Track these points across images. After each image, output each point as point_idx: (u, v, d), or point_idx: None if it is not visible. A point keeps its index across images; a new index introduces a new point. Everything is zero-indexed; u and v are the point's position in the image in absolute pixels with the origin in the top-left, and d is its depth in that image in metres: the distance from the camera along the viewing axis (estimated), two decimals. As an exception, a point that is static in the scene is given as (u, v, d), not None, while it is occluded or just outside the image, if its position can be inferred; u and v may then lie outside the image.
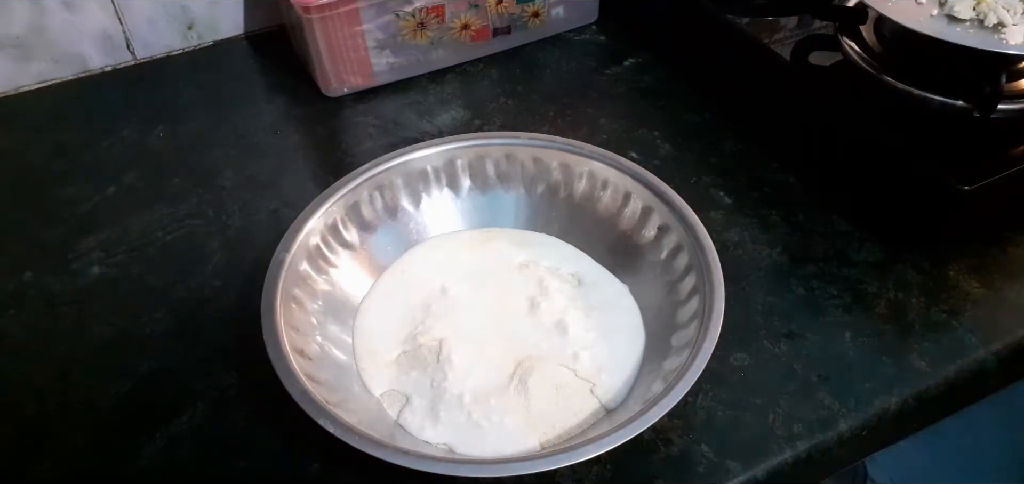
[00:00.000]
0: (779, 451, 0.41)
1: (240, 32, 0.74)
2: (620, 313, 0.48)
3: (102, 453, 0.43)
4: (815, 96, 0.58)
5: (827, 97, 0.57)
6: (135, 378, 0.46)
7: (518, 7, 0.69)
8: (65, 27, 0.67)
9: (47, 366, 0.47)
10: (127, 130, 0.64)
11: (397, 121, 0.64)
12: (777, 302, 0.49)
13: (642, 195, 0.50)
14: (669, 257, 0.48)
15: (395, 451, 0.37)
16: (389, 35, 0.64)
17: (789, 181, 0.58)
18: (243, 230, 0.55)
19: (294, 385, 0.39)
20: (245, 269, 0.51)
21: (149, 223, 0.56)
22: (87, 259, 0.53)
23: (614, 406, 0.43)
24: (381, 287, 0.50)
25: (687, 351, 0.41)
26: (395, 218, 0.52)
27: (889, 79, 0.53)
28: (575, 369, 0.45)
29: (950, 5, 0.52)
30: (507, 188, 0.54)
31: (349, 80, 0.66)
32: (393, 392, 0.45)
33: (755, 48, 0.67)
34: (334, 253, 0.49)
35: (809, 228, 0.54)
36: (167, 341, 0.48)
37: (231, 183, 0.59)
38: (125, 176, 0.60)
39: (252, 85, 0.70)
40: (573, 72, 0.70)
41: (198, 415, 0.44)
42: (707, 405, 0.43)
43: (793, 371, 0.45)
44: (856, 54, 0.56)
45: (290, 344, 0.42)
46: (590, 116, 0.64)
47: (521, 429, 0.42)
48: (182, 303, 0.50)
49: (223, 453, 0.42)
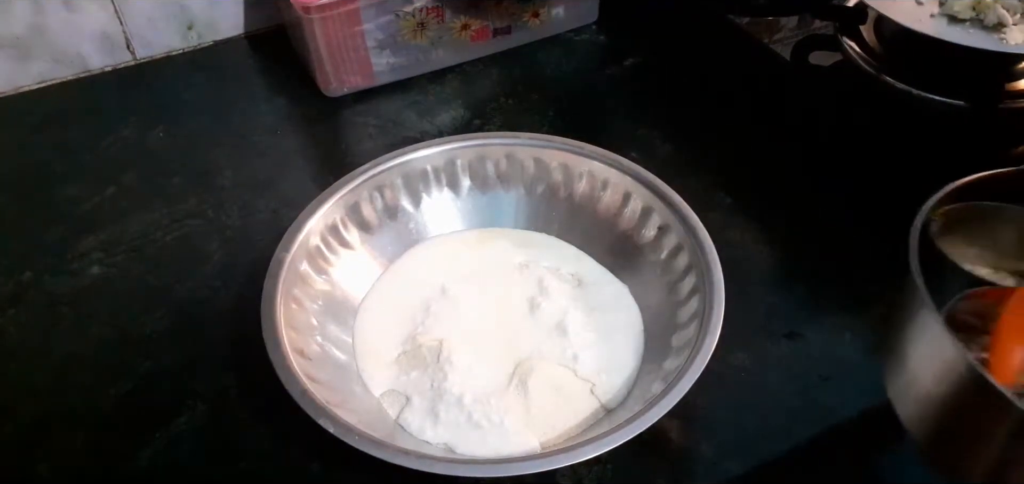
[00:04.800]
0: (779, 451, 0.41)
1: (240, 32, 0.74)
2: (620, 313, 0.48)
3: (102, 453, 0.43)
4: (815, 96, 0.58)
5: (827, 97, 0.57)
6: (135, 378, 0.46)
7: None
8: (65, 27, 0.67)
9: (47, 366, 0.47)
10: (127, 130, 0.64)
11: (397, 121, 0.64)
12: (777, 302, 0.49)
13: (642, 195, 0.50)
14: (669, 257, 0.48)
15: (395, 451, 0.37)
16: (389, 35, 0.64)
17: (789, 181, 0.58)
18: (243, 230, 0.55)
19: (294, 385, 0.39)
20: (245, 269, 0.51)
21: (149, 223, 0.56)
22: (87, 259, 0.53)
23: (614, 406, 0.43)
24: (381, 287, 0.50)
25: (687, 351, 0.41)
26: (395, 218, 0.52)
27: (889, 79, 0.53)
28: (575, 369, 0.45)
29: (950, 5, 0.52)
30: (507, 188, 0.54)
31: (349, 80, 0.66)
32: (393, 392, 0.45)
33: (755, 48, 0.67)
34: (334, 253, 0.49)
35: (809, 228, 0.54)
36: (167, 341, 0.48)
37: (231, 183, 0.59)
38: (125, 176, 0.60)
39: (252, 85, 0.70)
40: (573, 72, 0.70)
41: (198, 415, 0.44)
42: (707, 405, 0.43)
43: (793, 371, 0.45)
44: (856, 54, 0.56)
45: (290, 344, 0.42)
46: (590, 116, 0.64)
47: (521, 429, 0.42)
48: (182, 303, 0.50)
49: (223, 453, 0.42)
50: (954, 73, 0.51)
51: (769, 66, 0.64)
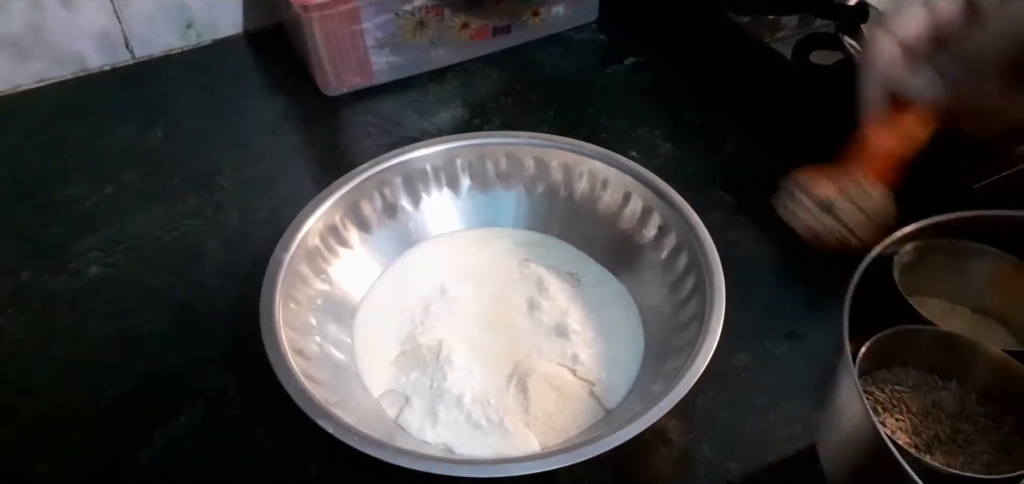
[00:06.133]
0: (780, 452, 0.41)
1: (239, 31, 0.74)
2: (620, 313, 0.48)
3: (101, 453, 0.43)
4: (816, 95, 0.58)
5: (828, 96, 0.57)
6: (134, 378, 0.46)
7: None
8: (63, 26, 0.66)
9: (46, 366, 0.47)
10: (125, 129, 0.64)
11: (397, 120, 0.64)
12: (778, 302, 0.49)
13: (642, 195, 0.50)
14: (669, 257, 0.48)
15: (394, 451, 0.37)
16: (389, 34, 0.64)
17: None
18: (242, 230, 0.55)
19: (293, 385, 0.39)
20: (244, 269, 0.51)
21: (148, 223, 0.55)
22: (85, 259, 0.53)
23: (614, 406, 0.43)
24: (381, 287, 0.50)
25: (687, 351, 0.41)
26: (395, 218, 0.52)
27: (890, 78, 0.53)
28: (575, 369, 0.45)
29: (951, 4, 0.52)
30: (507, 188, 0.54)
31: (348, 79, 0.65)
32: (392, 392, 0.44)
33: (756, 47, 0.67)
34: (333, 253, 0.49)
35: (810, 228, 0.54)
36: (166, 341, 0.48)
37: (230, 183, 0.59)
38: (123, 176, 0.59)
39: (251, 84, 0.70)
40: (573, 71, 0.70)
41: (197, 415, 0.44)
42: (707, 405, 0.43)
43: (794, 371, 0.45)
44: (857, 53, 0.56)
45: (289, 344, 0.42)
46: (590, 116, 0.64)
47: (520, 429, 0.42)
48: (181, 303, 0.50)
49: (222, 453, 0.42)
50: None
51: (770, 65, 0.64)
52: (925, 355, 0.36)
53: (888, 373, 0.36)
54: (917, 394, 0.35)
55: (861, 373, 0.34)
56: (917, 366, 0.36)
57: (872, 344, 0.34)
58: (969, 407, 0.35)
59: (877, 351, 0.35)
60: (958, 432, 0.34)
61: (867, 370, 0.36)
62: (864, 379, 0.36)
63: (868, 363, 0.35)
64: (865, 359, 0.34)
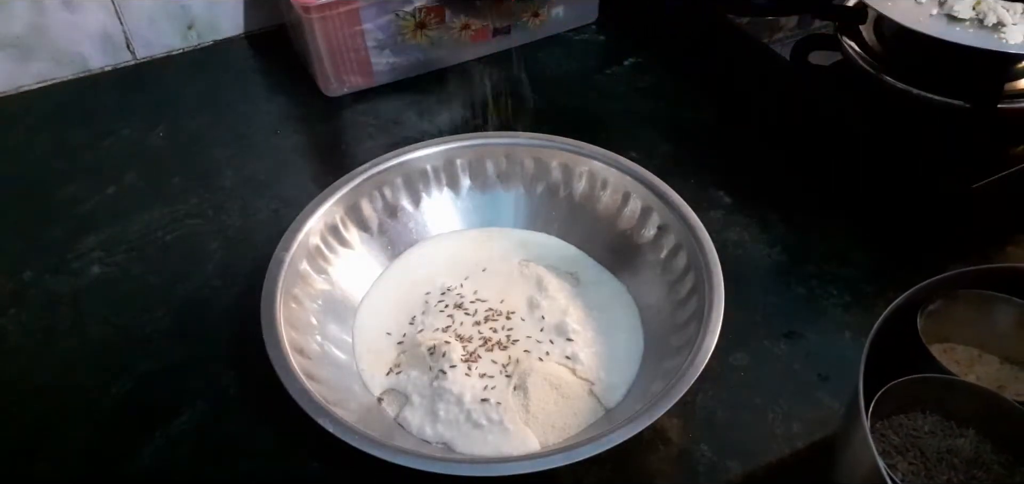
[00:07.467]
0: (779, 451, 0.41)
1: (240, 32, 0.74)
2: (619, 313, 0.48)
3: (102, 453, 0.43)
4: (815, 96, 0.58)
5: (827, 97, 0.57)
6: (135, 378, 0.46)
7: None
8: (65, 27, 0.67)
9: (47, 366, 0.47)
10: (127, 130, 0.64)
11: (397, 121, 0.64)
12: (777, 302, 0.49)
13: (642, 195, 0.50)
14: (669, 256, 0.48)
15: (394, 450, 0.37)
16: (389, 35, 0.64)
17: (789, 181, 0.58)
18: (243, 230, 0.55)
19: (294, 384, 0.39)
20: (245, 269, 0.51)
21: (149, 223, 0.56)
22: (87, 259, 0.53)
23: (614, 405, 0.43)
24: (381, 286, 0.50)
25: (687, 351, 0.41)
26: (395, 218, 0.52)
27: (889, 79, 0.53)
28: (574, 368, 0.45)
29: (950, 5, 0.52)
30: (507, 188, 0.54)
31: (349, 80, 0.66)
32: (393, 391, 0.45)
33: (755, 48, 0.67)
34: (334, 252, 0.49)
35: (809, 228, 0.54)
36: (167, 341, 0.48)
37: (231, 183, 0.59)
38: (125, 176, 0.60)
39: (252, 85, 0.70)
40: (573, 72, 0.70)
41: (198, 414, 0.44)
42: (707, 405, 0.43)
43: (793, 371, 0.45)
44: (856, 54, 0.56)
45: (290, 343, 0.42)
46: (590, 116, 0.64)
47: (520, 428, 0.42)
48: (182, 303, 0.50)
49: (223, 452, 0.42)
50: (954, 73, 0.51)
51: (769, 66, 0.64)
52: (942, 402, 0.36)
53: (905, 418, 0.37)
54: (933, 440, 0.36)
55: (880, 417, 0.35)
56: (935, 412, 0.37)
57: (887, 391, 0.35)
58: (985, 455, 0.35)
59: (895, 396, 0.35)
60: (972, 478, 0.35)
61: (885, 414, 0.36)
62: (882, 423, 0.36)
63: (887, 408, 0.36)
64: (881, 404, 0.35)
